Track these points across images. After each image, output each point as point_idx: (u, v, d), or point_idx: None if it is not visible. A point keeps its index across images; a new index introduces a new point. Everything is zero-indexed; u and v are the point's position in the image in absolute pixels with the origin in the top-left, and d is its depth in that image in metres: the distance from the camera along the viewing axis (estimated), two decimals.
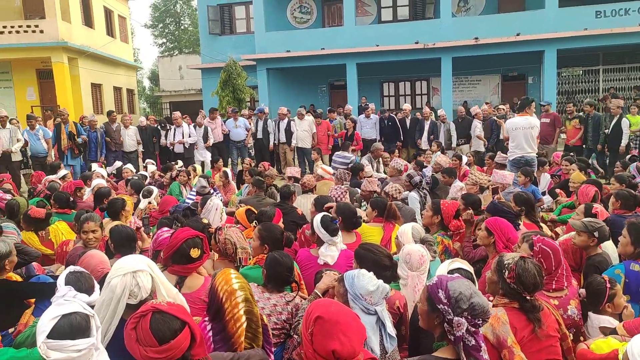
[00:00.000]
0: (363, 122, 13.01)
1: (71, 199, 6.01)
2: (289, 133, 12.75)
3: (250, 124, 13.15)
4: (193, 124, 12.48)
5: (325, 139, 12.88)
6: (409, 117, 13.01)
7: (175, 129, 12.17)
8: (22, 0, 20.17)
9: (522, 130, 7.88)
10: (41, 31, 18.76)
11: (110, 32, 24.23)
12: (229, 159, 12.89)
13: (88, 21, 21.91)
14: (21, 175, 11.20)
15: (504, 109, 12.71)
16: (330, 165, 9.38)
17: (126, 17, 26.86)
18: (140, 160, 12.29)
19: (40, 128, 11.17)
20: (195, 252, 3.09)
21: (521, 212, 4.62)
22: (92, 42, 21.30)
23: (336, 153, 10.06)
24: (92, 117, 12.27)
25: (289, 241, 3.91)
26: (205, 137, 12.26)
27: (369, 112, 13.07)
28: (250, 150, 13.52)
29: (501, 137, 10.70)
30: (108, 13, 24.15)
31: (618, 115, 10.77)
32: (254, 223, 4.71)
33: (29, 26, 18.83)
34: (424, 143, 12.39)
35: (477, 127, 11.88)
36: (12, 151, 10.50)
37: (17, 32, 18.74)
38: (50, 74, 19.40)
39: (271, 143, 12.98)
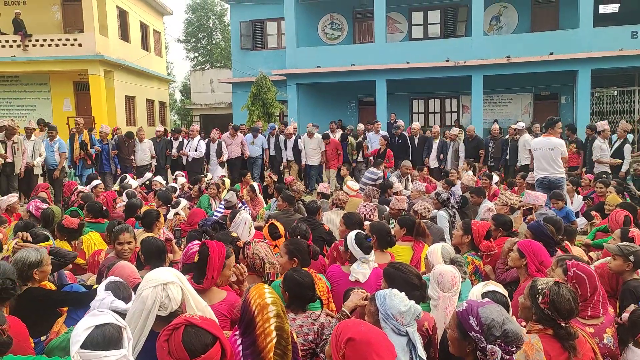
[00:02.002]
0: (371, 138, 13.05)
1: (104, 208, 6.12)
2: (296, 151, 12.82)
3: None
4: (207, 139, 12.49)
5: (334, 157, 12.95)
6: (417, 136, 12.98)
7: (188, 142, 12.25)
8: (62, 14, 20.88)
9: (542, 151, 7.75)
10: (79, 44, 19.29)
11: (145, 46, 24.80)
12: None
13: (124, 35, 22.47)
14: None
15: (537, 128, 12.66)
16: (359, 182, 9.38)
17: (161, 32, 27.48)
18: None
19: (58, 140, 10.93)
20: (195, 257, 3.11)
21: (562, 241, 4.50)
22: (127, 55, 21.83)
23: (367, 169, 10.09)
24: (104, 128, 12.26)
25: (315, 253, 3.90)
26: (219, 153, 12.25)
27: (378, 127, 13.13)
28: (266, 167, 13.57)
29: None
30: (144, 28, 24.75)
31: (622, 140, 10.55)
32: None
33: (67, 39, 19.39)
34: (432, 161, 12.43)
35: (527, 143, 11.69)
36: (34, 165, 10.37)
37: (57, 45, 19.29)
38: (87, 86, 19.90)
39: (284, 160, 13.07)
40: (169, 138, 12.89)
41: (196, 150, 12.12)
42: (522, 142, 11.68)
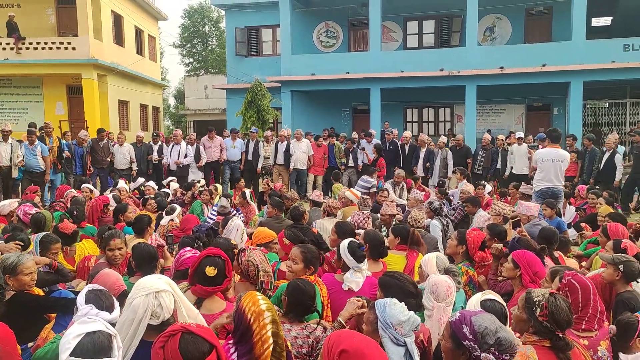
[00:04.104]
0: (364, 147, 13.06)
1: (75, 213, 5.99)
2: (287, 155, 12.74)
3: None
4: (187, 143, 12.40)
5: (321, 162, 12.97)
6: (408, 144, 13.03)
7: (172, 146, 12.13)
8: (57, 18, 20.79)
9: (553, 162, 7.80)
10: (73, 48, 19.20)
11: (139, 51, 24.74)
12: (220, 178, 12.91)
13: (119, 40, 22.41)
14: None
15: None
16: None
17: (155, 37, 27.45)
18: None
19: (39, 144, 10.66)
20: (210, 271, 3.03)
21: (542, 251, 4.46)
22: (121, 60, 21.76)
23: (361, 177, 10.10)
24: (84, 132, 12.09)
25: (324, 260, 3.89)
26: (197, 157, 12.20)
27: (370, 139, 13.17)
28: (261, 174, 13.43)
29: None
30: (138, 33, 24.70)
31: (611, 151, 10.92)
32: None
33: (61, 43, 19.28)
34: (419, 170, 12.48)
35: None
36: (16, 165, 10.09)
37: (50, 48, 19.18)
38: (80, 89, 19.78)
39: (259, 165, 12.94)
40: (149, 142, 12.72)
41: (185, 156, 12.06)
42: (522, 151, 11.81)
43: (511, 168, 12.05)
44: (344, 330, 2.57)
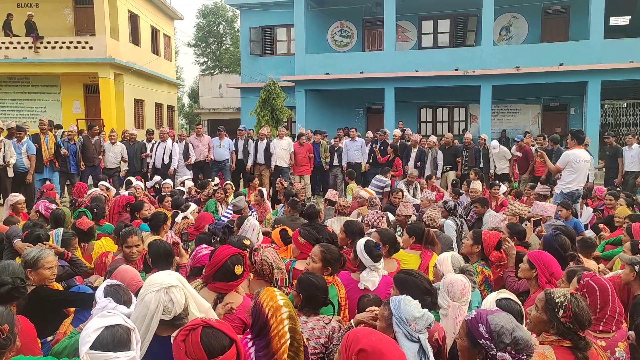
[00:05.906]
0: (349, 145, 12.96)
1: (95, 210, 6.06)
2: (267, 154, 12.34)
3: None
4: (176, 140, 12.00)
5: (306, 161, 12.56)
6: (398, 143, 12.90)
7: (158, 144, 11.73)
8: (74, 17, 21.04)
9: (584, 163, 7.76)
10: (90, 47, 19.40)
11: (155, 50, 24.94)
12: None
13: (135, 39, 22.60)
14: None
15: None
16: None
17: (171, 36, 27.65)
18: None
19: (26, 142, 9.95)
20: (239, 269, 3.09)
21: (570, 258, 4.40)
22: (137, 59, 21.95)
23: (375, 177, 10.08)
24: (72, 127, 11.63)
25: (345, 261, 3.89)
26: (186, 155, 11.84)
27: (354, 135, 13.09)
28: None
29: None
30: (154, 32, 24.90)
31: None
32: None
33: (79, 42, 19.49)
34: (410, 169, 12.30)
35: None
36: (9, 164, 9.61)
37: (68, 47, 19.40)
38: (97, 88, 19.99)
39: (249, 164, 12.45)
40: (142, 141, 12.35)
41: (170, 156, 11.64)
42: (501, 152, 12.16)
43: (494, 167, 12.27)
44: (363, 328, 2.57)
